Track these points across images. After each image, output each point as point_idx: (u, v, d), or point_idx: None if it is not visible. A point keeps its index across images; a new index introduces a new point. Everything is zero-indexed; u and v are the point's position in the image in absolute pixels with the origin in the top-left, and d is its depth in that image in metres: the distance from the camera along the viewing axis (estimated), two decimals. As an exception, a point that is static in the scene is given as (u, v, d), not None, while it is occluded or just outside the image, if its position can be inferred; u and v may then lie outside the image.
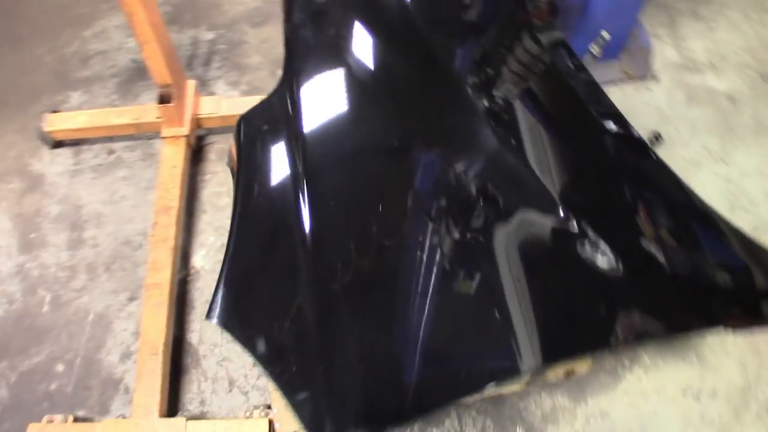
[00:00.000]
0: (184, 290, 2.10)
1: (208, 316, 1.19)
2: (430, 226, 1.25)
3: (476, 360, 1.17)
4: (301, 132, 1.30)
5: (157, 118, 2.17)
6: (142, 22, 1.73)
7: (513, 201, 1.31)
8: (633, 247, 1.29)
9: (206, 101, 2.26)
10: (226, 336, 2.05)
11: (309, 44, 1.43)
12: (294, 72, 1.37)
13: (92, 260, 2.17)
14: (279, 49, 2.63)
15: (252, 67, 2.55)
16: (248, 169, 1.29)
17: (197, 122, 2.24)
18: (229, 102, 2.28)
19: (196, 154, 2.34)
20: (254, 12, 2.68)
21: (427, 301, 1.16)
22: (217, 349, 2.03)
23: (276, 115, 1.33)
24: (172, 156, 2.08)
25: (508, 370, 1.17)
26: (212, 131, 2.39)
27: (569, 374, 2.04)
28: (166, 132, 2.14)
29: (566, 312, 1.23)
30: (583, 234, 1.28)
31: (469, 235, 1.25)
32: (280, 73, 2.45)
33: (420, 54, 1.45)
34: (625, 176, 1.36)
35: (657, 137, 1.42)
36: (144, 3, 1.72)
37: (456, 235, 1.24)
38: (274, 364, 1.16)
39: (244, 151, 1.30)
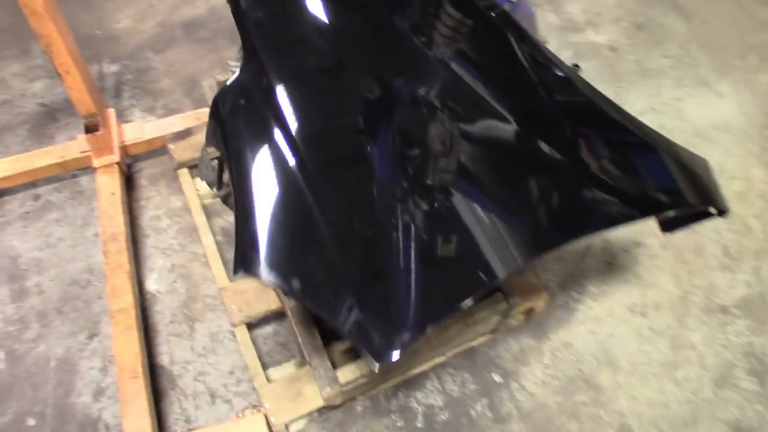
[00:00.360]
0: (144, 315, 2.08)
1: (236, 272, 1.24)
2: (403, 153, 1.38)
3: (462, 272, 1.28)
4: (278, 95, 1.38)
5: (81, 152, 2.15)
6: (61, 52, 1.73)
7: (466, 113, 1.47)
8: (575, 153, 1.45)
9: (129, 128, 2.25)
10: (198, 351, 2.10)
11: (262, 18, 1.50)
12: (256, 46, 1.43)
13: (41, 307, 2.11)
14: (189, 70, 2.70)
15: (164, 91, 2.55)
16: (237, 139, 1.34)
17: (124, 150, 2.23)
18: (152, 125, 2.28)
19: (127, 182, 2.32)
20: (155, 39, 2.69)
21: (409, 226, 1.28)
22: (190, 366, 2.03)
23: (250, 88, 1.38)
24: (109, 184, 2.06)
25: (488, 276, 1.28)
26: (138, 158, 2.38)
27: (529, 314, 2.20)
28: (97, 162, 2.11)
29: (527, 214, 1.37)
30: (531, 141, 1.44)
31: (434, 152, 1.39)
32: (195, 92, 2.52)
33: (370, 12, 1.61)
34: (559, 94, 1.55)
35: (576, 66, 1.59)
36: (60, 32, 1.71)
37: (422, 155, 1.38)
38: (314, 297, 1.23)
39: (228, 125, 1.34)
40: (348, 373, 1.72)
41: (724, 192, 1.66)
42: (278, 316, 2.10)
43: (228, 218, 2.29)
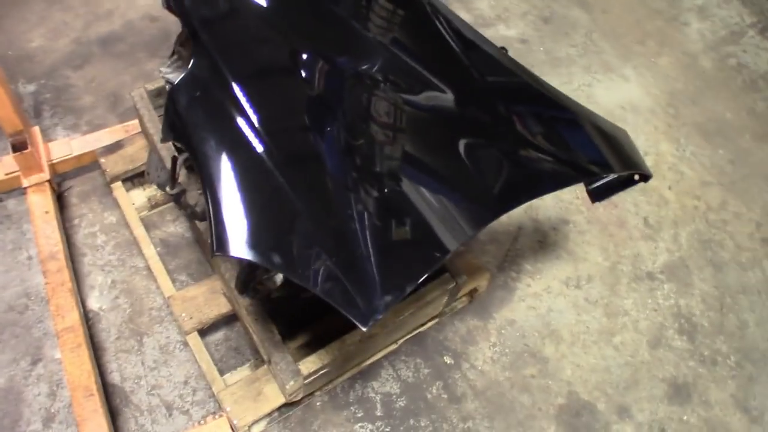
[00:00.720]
0: (90, 334, 2.02)
1: (217, 250, 1.24)
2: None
3: (421, 247, 1.35)
4: (233, 84, 1.41)
5: (7, 174, 2.07)
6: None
7: (407, 85, 1.56)
8: (510, 125, 1.56)
9: (56, 145, 2.19)
10: (149, 364, 2.06)
11: (208, 12, 1.51)
12: (204, 40, 1.43)
13: (-24, 338, 2.02)
14: (110, 85, 2.66)
15: (87, 108, 2.49)
16: (200, 129, 1.35)
17: (52, 168, 2.16)
18: (80, 142, 2.22)
19: (57, 201, 2.24)
20: (71, 56, 2.62)
21: (363, 214, 1.34)
22: (142, 381, 1.99)
23: (204, 80, 1.39)
24: (41, 203, 2.00)
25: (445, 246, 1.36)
26: (65, 176, 2.31)
27: (472, 295, 2.28)
28: (27, 181, 2.04)
29: (470, 185, 1.45)
30: (468, 112, 1.53)
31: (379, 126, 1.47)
32: (119, 106, 2.48)
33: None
34: (491, 71, 1.66)
35: (504, 48, 1.69)
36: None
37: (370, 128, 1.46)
38: (294, 269, 1.25)
39: (188, 118, 1.34)
40: (310, 365, 1.74)
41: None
42: (228, 320, 2.10)
43: (166, 229, 2.26)
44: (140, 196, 2.25)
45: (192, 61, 1.40)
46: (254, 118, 1.35)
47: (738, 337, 2.37)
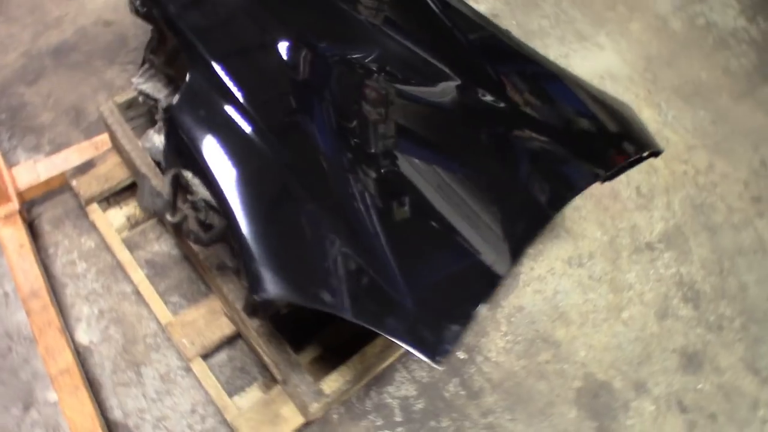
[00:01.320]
0: (83, 371, 1.89)
1: (257, 293, 1.12)
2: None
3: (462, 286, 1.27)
4: (238, 93, 1.28)
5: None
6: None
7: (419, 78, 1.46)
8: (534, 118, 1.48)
9: (20, 171, 2.01)
10: (151, 396, 1.93)
11: (199, 24, 1.37)
12: (199, 52, 1.30)
13: (-42, 388, 1.86)
14: (69, 99, 2.47)
15: (47, 126, 2.30)
16: (212, 152, 1.23)
17: (20, 196, 1.99)
18: (46, 164, 2.04)
19: (29, 230, 2.08)
20: (22, 71, 2.41)
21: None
22: (147, 414, 1.87)
23: (205, 94, 1.26)
24: (14, 236, 1.84)
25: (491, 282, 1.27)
26: (32, 203, 2.14)
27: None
28: (-2, 213, 1.88)
29: (513, 190, 1.37)
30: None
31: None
32: (82, 120, 2.31)
33: None
34: (489, 53, 1.58)
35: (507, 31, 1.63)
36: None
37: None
38: (347, 307, 1.15)
39: (196, 139, 1.21)
40: (332, 383, 1.64)
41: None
42: (230, 340, 1.98)
43: (150, 249, 2.11)
44: (118, 215, 2.10)
45: (188, 75, 1.27)
46: (264, 121, 1.23)
47: (740, 299, 2.37)
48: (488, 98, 1.46)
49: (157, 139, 1.84)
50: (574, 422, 2.05)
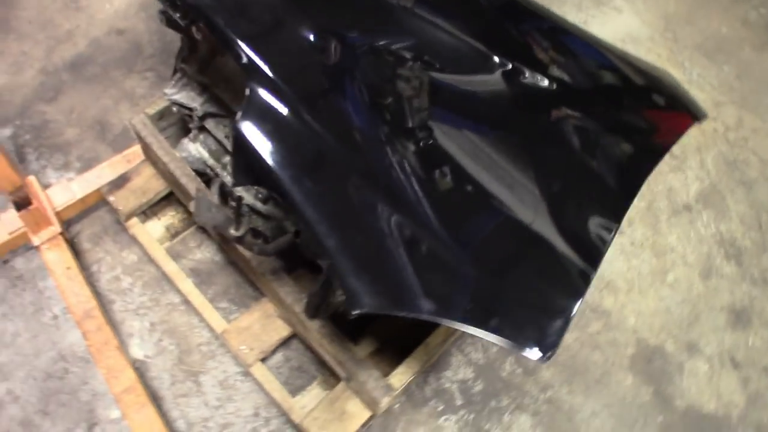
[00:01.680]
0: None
1: (353, 307, 1.12)
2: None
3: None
4: (298, 103, 1.28)
5: (11, 234, 1.89)
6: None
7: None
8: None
9: (55, 191, 1.99)
10: (213, 404, 1.94)
11: (249, 32, 1.34)
12: (252, 59, 1.27)
13: (22, 415, 1.84)
14: (92, 113, 2.45)
15: (73, 142, 2.28)
16: (287, 167, 1.22)
17: (59, 217, 1.98)
18: (80, 182, 2.02)
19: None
20: (41, 89, 2.38)
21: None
22: (210, 422, 1.87)
23: (269, 107, 1.24)
24: (60, 259, 1.83)
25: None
26: (69, 222, 2.13)
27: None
28: (38, 238, 1.85)
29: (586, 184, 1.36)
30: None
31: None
32: (108, 133, 2.28)
33: None
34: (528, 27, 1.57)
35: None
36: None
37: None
38: (449, 311, 1.15)
39: (269, 155, 1.19)
40: (400, 377, 1.64)
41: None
42: (285, 341, 1.98)
43: (193, 257, 2.10)
44: (158, 227, 2.09)
45: (248, 88, 1.24)
46: (339, 145, 1.21)
47: (782, 252, 2.37)
48: (537, 80, 1.44)
49: (192, 147, 1.83)
50: (631, 389, 2.06)
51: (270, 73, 1.24)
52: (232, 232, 1.43)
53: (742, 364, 2.14)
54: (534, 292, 1.21)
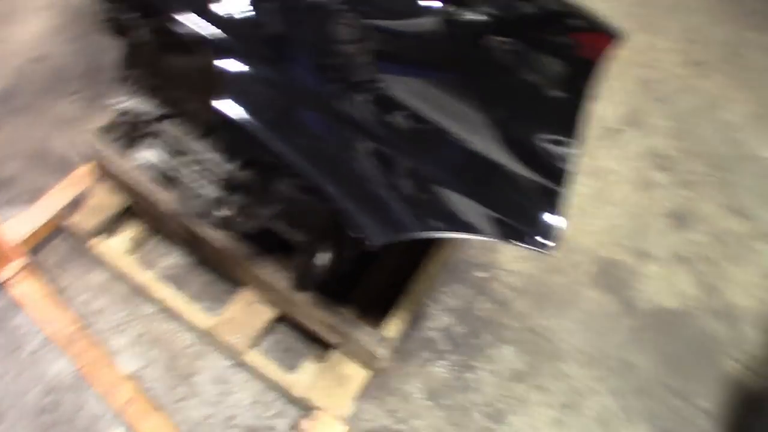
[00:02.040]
0: (141, 397, 1.91)
1: (375, 239, 1.18)
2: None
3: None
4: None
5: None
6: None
7: None
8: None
9: (10, 225, 1.96)
10: (212, 401, 1.97)
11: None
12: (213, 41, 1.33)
13: (23, 453, 1.84)
14: (29, 144, 2.41)
15: (15, 176, 2.21)
16: (271, 127, 1.28)
17: (19, 250, 1.95)
18: (35, 211, 2.00)
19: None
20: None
21: None
22: (212, 419, 1.89)
23: (239, 80, 1.29)
24: (33, 290, 1.82)
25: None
26: (33, 251, 2.09)
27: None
28: (4, 274, 1.84)
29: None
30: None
31: None
32: (50, 159, 2.25)
33: None
34: None
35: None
36: None
37: None
38: (458, 224, 1.24)
39: (249, 121, 1.23)
40: (393, 327, 1.73)
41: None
42: (272, 327, 2.02)
43: (162, 264, 2.10)
44: (122, 241, 2.08)
45: (215, 66, 1.27)
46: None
47: (705, 153, 2.57)
48: (466, 15, 1.54)
49: (149, 154, 1.83)
50: (597, 301, 2.21)
51: (230, 47, 1.30)
52: (218, 213, 1.46)
53: (691, 260, 2.33)
54: (518, 202, 1.31)
